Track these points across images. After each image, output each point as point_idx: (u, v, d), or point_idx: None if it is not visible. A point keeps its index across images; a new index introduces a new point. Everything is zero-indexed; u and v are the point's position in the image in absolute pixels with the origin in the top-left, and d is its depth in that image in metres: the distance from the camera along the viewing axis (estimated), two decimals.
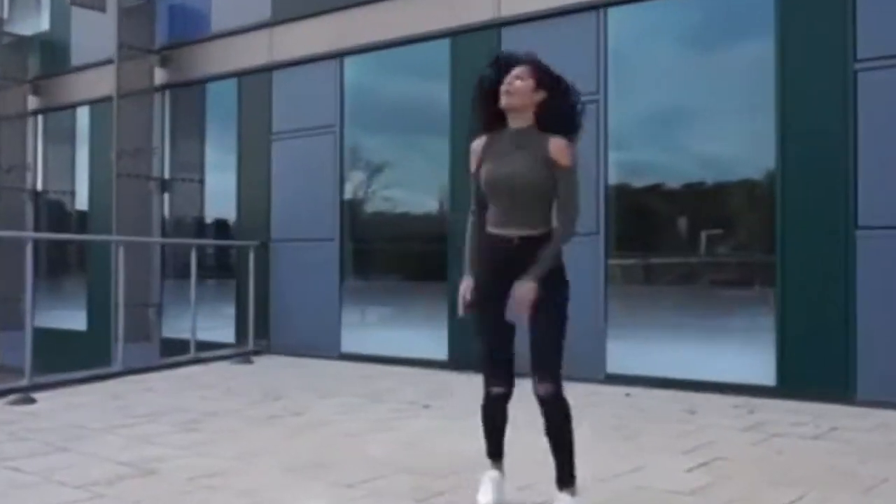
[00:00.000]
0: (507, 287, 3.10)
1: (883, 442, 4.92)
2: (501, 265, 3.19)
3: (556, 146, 3.12)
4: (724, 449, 4.74)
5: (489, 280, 3.23)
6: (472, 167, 3.32)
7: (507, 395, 3.29)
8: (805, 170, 6.58)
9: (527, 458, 3.60)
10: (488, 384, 3.31)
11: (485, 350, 3.30)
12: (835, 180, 6.39)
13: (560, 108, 3.20)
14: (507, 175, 3.14)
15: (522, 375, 3.22)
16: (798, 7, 6.61)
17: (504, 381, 3.26)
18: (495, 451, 3.42)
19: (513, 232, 3.17)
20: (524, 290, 3.04)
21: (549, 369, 3.17)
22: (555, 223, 3.25)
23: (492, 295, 3.17)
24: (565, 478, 3.22)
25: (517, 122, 3.18)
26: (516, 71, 3.14)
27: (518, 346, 3.24)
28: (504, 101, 3.13)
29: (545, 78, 3.18)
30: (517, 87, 3.11)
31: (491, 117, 3.24)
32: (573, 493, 3.21)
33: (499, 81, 3.15)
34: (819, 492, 3.82)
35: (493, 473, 3.37)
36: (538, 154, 3.12)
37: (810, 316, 6.50)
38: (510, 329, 3.19)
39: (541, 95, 3.15)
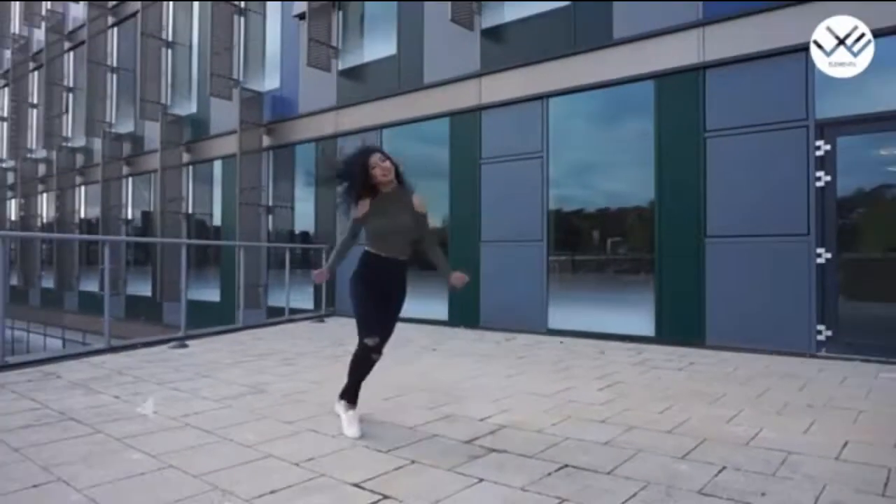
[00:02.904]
0: (386, 287, 3.21)
1: (723, 372, 4.92)
2: (384, 275, 3.22)
3: (418, 200, 3.20)
4: (623, 376, 4.74)
5: (377, 281, 3.22)
6: (358, 216, 3.19)
7: (379, 346, 3.17)
8: (673, 200, 6.57)
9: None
10: (366, 335, 3.13)
11: (368, 315, 3.18)
12: (692, 207, 6.39)
13: (398, 172, 3.20)
14: (392, 222, 3.14)
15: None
16: (668, 97, 6.61)
17: (378, 333, 3.16)
18: (354, 398, 3.25)
19: (393, 256, 3.19)
20: (460, 276, 3.19)
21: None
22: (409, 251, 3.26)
23: (378, 289, 3.21)
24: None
25: (386, 188, 3.16)
26: (378, 158, 3.12)
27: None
28: (382, 179, 3.11)
29: (390, 157, 3.19)
30: (389, 168, 3.13)
31: (367, 188, 3.16)
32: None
33: (367, 163, 3.11)
34: (683, 403, 3.82)
35: (353, 412, 3.21)
36: (409, 207, 3.17)
37: (677, 292, 6.50)
38: (385, 307, 3.25)
39: (394, 168, 3.17)
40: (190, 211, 12.97)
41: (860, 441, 3.00)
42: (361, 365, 3.23)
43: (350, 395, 3.26)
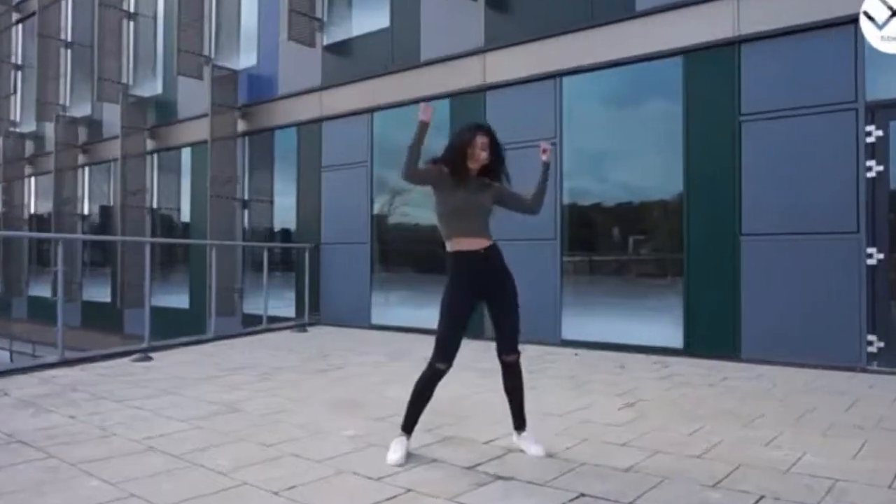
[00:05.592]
0: (481, 287, 3.17)
1: (760, 389, 4.92)
2: (475, 274, 3.18)
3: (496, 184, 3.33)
4: (646, 393, 4.75)
5: (469, 286, 3.16)
6: (433, 168, 3.20)
7: (446, 372, 3.15)
8: (704, 193, 6.59)
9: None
10: (438, 360, 3.12)
11: (447, 335, 3.14)
12: (725, 200, 6.40)
13: (497, 169, 3.29)
14: (473, 202, 3.19)
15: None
16: (699, 76, 6.63)
17: (450, 361, 3.14)
18: (411, 425, 3.20)
19: (476, 246, 3.18)
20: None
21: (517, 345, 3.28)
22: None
23: (467, 298, 3.16)
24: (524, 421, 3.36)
25: (473, 172, 3.23)
26: (483, 142, 3.18)
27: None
28: (472, 163, 3.19)
29: (495, 149, 3.24)
30: (482, 157, 3.19)
31: (461, 163, 3.18)
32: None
33: (469, 141, 3.17)
34: (713, 424, 3.83)
35: (402, 439, 3.18)
36: (487, 187, 3.26)
37: (708, 298, 6.51)
38: (464, 326, 3.18)
39: (487, 160, 3.22)
40: (155, 205, 12.99)
41: None
42: (427, 389, 3.17)
43: (408, 425, 3.19)
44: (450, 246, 3.22)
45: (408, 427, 3.21)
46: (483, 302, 3.25)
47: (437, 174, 3.19)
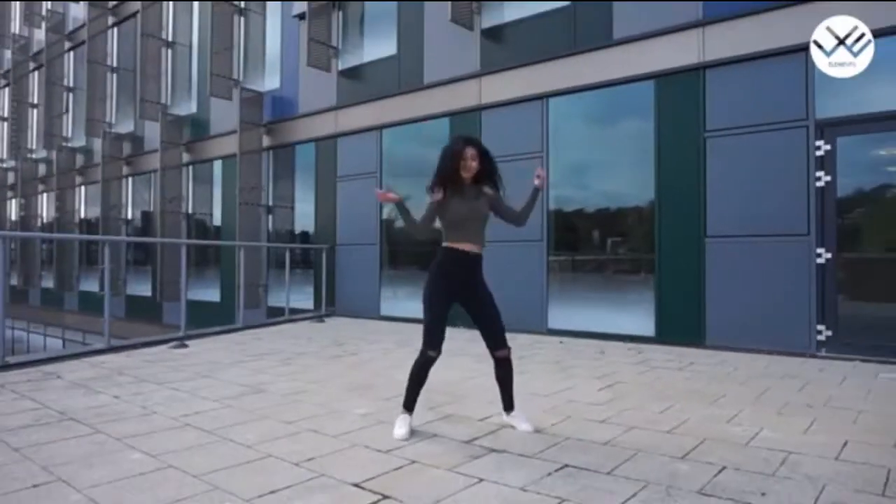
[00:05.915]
0: (463, 284, 3.15)
1: (723, 372, 4.92)
2: (461, 272, 3.16)
3: (488, 189, 3.27)
4: (623, 376, 4.74)
5: (454, 280, 3.14)
6: (436, 199, 3.15)
7: (436, 359, 3.13)
8: (673, 200, 6.58)
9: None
10: (428, 348, 3.09)
11: (434, 325, 3.10)
12: (692, 207, 6.40)
13: (490, 173, 3.25)
14: (469, 207, 3.17)
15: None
16: (668, 97, 6.62)
17: (439, 348, 3.12)
18: (411, 404, 3.19)
19: (469, 249, 3.16)
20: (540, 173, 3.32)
21: (506, 342, 3.25)
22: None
23: (449, 291, 3.14)
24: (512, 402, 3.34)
25: (467, 180, 3.19)
26: (472, 154, 3.14)
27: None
28: (465, 173, 3.15)
29: (484, 157, 3.21)
30: (472, 167, 3.16)
31: (454, 174, 3.15)
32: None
33: (459, 153, 3.13)
34: (682, 404, 3.82)
35: (406, 416, 3.18)
36: (481, 193, 3.22)
37: (677, 292, 6.50)
38: (447, 315, 3.16)
39: (478, 168, 3.18)
40: (190, 211, 12.97)
41: (860, 441, 3.00)
42: (421, 373, 3.16)
43: (409, 404, 3.20)
44: (445, 243, 3.22)
45: (408, 405, 3.21)
46: (459, 303, 3.19)
47: (436, 207, 3.16)
